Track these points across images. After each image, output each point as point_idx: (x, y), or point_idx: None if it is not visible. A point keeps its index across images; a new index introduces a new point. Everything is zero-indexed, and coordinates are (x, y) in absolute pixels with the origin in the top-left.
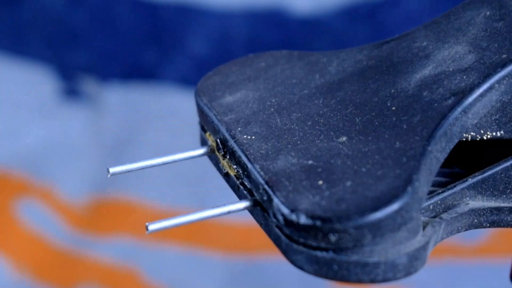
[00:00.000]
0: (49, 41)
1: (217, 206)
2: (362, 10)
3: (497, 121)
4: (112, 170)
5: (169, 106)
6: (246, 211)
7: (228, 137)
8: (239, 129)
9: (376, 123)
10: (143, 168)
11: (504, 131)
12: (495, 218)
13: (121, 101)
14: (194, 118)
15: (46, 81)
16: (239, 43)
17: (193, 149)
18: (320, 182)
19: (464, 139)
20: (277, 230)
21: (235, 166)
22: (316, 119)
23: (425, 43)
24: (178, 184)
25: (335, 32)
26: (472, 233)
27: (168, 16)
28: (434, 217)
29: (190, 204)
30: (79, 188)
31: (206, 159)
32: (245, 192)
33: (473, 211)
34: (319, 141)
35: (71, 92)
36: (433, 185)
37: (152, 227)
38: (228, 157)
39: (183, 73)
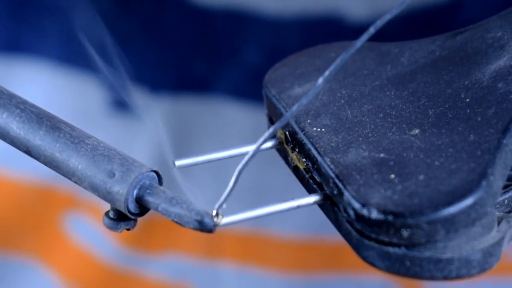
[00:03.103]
0: (99, 51)
1: (286, 201)
2: (421, 17)
3: None
4: (178, 163)
5: (221, 117)
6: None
7: (297, 129)
8: (309, 121)
9: (450, 115)
10: (209, 161)
11: None
12: None
13: (172, 113)
14: (247, 130)
15: (96, 91)
16: (292, 52)
17: None
18: (392, 176)
19: None
20: (348, 225)
21: (304, 160)
22: (388, 111)
23: (500, 33)
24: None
25: (393, 41)
26: None
27: (220, 24)
28: (509, 212)
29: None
30: None
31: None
32: (314, 186)
33: None
34: (391, 133)
35: (121, 103)
36: (508, 179)
37: (224, 221)
38: (297, 150)
39: (235, 84)
